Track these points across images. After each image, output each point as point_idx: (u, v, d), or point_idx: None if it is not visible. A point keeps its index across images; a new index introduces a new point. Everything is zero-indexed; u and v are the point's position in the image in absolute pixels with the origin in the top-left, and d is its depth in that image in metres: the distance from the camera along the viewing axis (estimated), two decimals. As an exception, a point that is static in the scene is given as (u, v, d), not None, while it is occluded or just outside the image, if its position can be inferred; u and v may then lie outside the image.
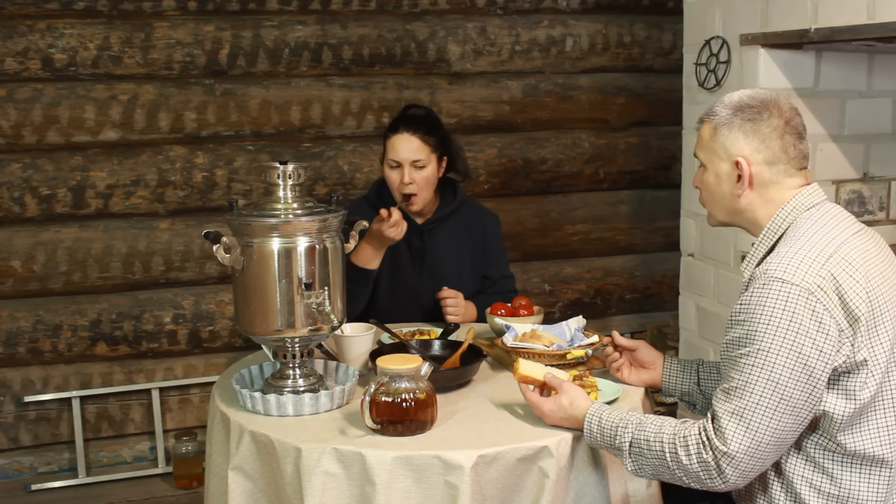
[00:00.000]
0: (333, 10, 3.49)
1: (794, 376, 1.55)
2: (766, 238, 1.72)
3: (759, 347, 1.56)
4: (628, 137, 3.90)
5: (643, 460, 1.66)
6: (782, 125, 1.69)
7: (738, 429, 1.57)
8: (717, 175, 1.75)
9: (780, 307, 1.55)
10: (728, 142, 1.72)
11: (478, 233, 2.73)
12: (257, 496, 1.82)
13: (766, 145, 1.69)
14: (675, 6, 3.73)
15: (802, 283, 1.55)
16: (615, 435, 1.68)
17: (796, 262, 1.58)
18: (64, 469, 3.48)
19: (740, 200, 1.73)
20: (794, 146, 1.70)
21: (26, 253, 3.34)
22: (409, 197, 2.55)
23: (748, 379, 1.57)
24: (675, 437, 1.62)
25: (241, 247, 1.86)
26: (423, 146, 2.55)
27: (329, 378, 2.04)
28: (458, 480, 1.63)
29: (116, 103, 3.35)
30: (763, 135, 1.69)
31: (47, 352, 3.40)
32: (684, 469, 1.61)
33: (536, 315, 2.38)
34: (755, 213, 1.73)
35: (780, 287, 1.56)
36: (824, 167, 2.91)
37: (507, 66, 3.71)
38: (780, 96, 1.74)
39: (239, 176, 3.49)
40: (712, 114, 1.75)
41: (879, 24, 2.30)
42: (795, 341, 1.54)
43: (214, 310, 3.54)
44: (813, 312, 1.54)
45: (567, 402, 1.75)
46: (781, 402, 1.55)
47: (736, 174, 1.72)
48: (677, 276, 3.34)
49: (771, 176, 1.70)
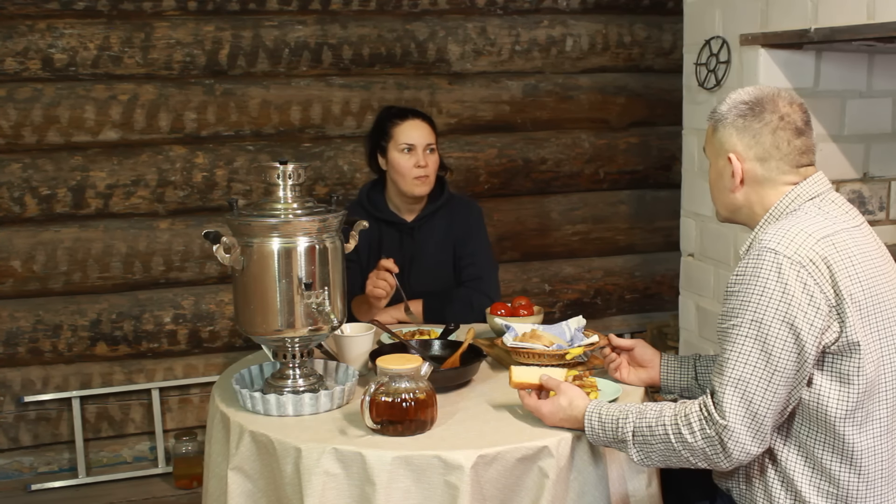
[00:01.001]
0: (333, 10, 3.49)
1: (787, 347, 1.56)
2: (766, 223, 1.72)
3: (752, 318, 1.57)
4: (628, 137, 3.90)
5: (648, 447, 1.65)
6: (776, 121, 1.70)
7: (734, 399, 1.57)
8: (717, 171, 1.78)
9: (774, 278, 1.56)
10: (724, 138, 1.74)
11: (460, 225, 2.74)
12: (257, 496, 1.82)
13: (757, 141, 1.70)
14: (675, 6, 3.73)
15: (794, 256, 1.57)
16: (617, 427, 1.68)
17: (791, 236, 1.59)
18: (64, 469, 3.48)
19: (736, 196, 1.75)
20: (789, 142, 1.70)
21: (26, 253, 3.34)
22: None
23: (741, 349, 1.58)
24: (677, 418, 1.62)
25: (241, 247, 1.86)
26: (431, 132, 2.68)
27: (329, 378, 2.04)
28: (458, 480, 1.63)
29: (116, 103, 3.35)
30: (754, 131, 1.70)
31: (47, 352, 3.40)
32: (690, 448, 1.61)
33: (536, 315, 2.38)
34: (752, 209, 1.74)
35: (773, 258, 1.57)
36: (824, 167, 2.88)
37: (507, 66, 3.71)
38: (783, 93, 1.74)
39: (239, 176, 3.49)
40: (715, 111, 1.78)
41: (879, 24, 2.30)
42: (788, 313, 1.55)
43: (214, 310, 3.54)
44: (804, 286, 1.56)
45: (566, 403, 1.75)
46: (776, 372, 1.56)
47: (730, 170, 1.73)
48: (677, 276, 3.34)
49: (764, 172, 1.71)
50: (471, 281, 2.70)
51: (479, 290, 2.67)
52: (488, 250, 2.79)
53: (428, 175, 2.64)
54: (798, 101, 1.74)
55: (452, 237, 2.72)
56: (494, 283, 2.75)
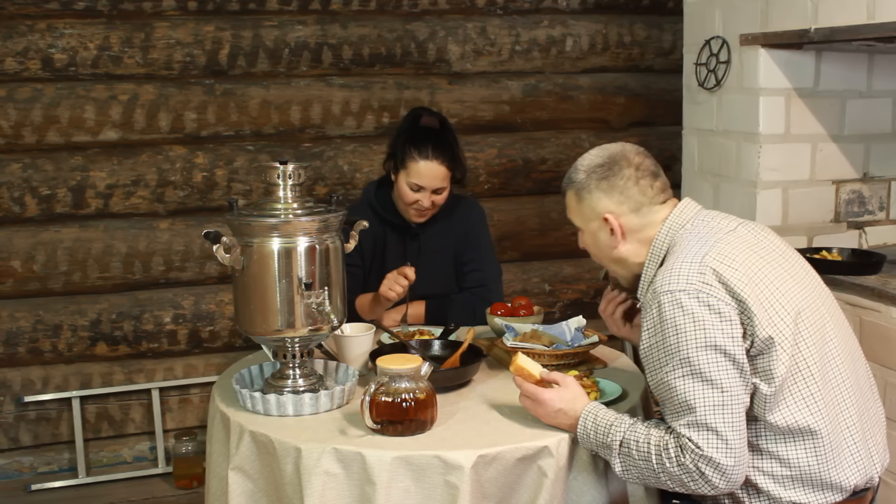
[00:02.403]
0: (333, 10, 3.49)
1: (723, 367, 1.60)
2: (651, 262, 1.79)
3: (681, 358, 1.62)
4: (628, 137, 3.89)
5: (630, 461, 1.68)
6: (633, 173, 1.79)
7: (701, 437, 1.60)
8: (593, 235, 1.85)
9: (680, 315, 1.62)
10: (592, 202, 1.81)
11: (463, 228, 2.72)
12: (257, 496, 1.82)
13: (626, 196, 1.79)
14: (675, 6, 3.73)
15: (687, 287, 1.62)
16: (608, 432, 1.70)
17: (676, 271, 1.65)
18: (64, 469, 3.48)
19: (620, 251, 1.81)
20: (651, 186, 1.80)
21: (26, 253, 3.34)
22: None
23: (685, 391, 1.61)
24: (661, 441, 1.65)
25: (241, 247, 1.86)
26: (447, 174, 2.56)
27: (329, 378, 2.04)
28: (458, 480, 1.63)
29: (116, 103, 3.35)
30: (620, 188, 1.79)
31: (47, 352, 3.40)
32: (668, 473, 1.64)
33: (536, 315, 2.38)
34: (638, 255, 1.81)
35: (671, 298, 1.63)
36: (824, 167, 2.91)
37: (507, 66, 3.71)
38: (625, 145, 1.84)
39: (239, 176, 3.49)
40: (571, 180, 1.85)
41: (879, 24, 2.31)
42: (707, 337, 1.60)
43: (214, 310, 3.54)
44: (709, 307, 1.61)
45: (570, 396, 1.76)
46: (723, 394, 1.60)
47: (608, 229, 1.80)
48: (677, 276, 3.34)
49: (639, 220, 1.80)
50: (475, 287, 2.69)
51: (483, 297, 2.65)
52: (492, 254, 2.77)
53: (430, 210, 2.60)
54: (640, 149, 1.83)
55: (456, 240, 2.71)
56: (498, 290, 2.74)
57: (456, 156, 2.59)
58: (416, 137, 2.55)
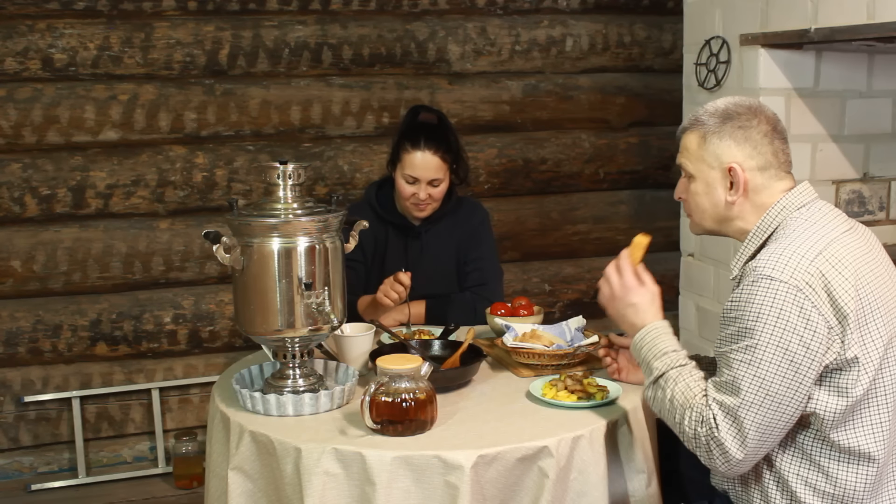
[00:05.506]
0: (333, 10, 3.49)
1: (780, 372, 1.56)
2: (755, 237, 1.73)
3: (748, 344, 1.58)
4: (628, 137, 3.90)
5: (660, 393, 1.69)
6: (770, 131, 1.72)
7: (725, 421, 1.59)
8: (707, 184, 1.75)
9: (769, 304, 1.56)
10: (719, 150, 1.72)
11: (465, 229, 2.72)
12: (257, 496, 1.82)
13: (759, 151, 1.71)
14: (675, 6, 3.73)
15: (790, 281, 1.56)
16: (658, 357, 1.72)
17: (784, 260, 1.59)
18: (64, 469, 3.48)
19: (733, 208, 1.74)
20: (783, 150, 1.73)
21: (26, 253, 3.34)
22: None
23: (736, 375, 1.59)
24: (692, 400, 1.65)
25: (241, 247, 1.86)
26: (441, 165, 2.55)
27: (329, 378, 2.04)
28: (458, 480, 1.63)
29: (116, 103, 3.35)
30: (755, 141, 1.71)
31: (47, 352, 3.40)
32: (682, 428, 1.65)
33: (536, 315, 2.38)
34: (745, 219, 1.74)
35: (769, 284, 1.57)
36: (824, 167, 2.91)
37: (507, 66, 3.71)
38: (762, 103, 1.77)
39: (239, 176, 3.49)
40: (699, 122, 1.75)
41: (879, 24, 2.30)
42: (783, 338, 1.55)
43: (214, 310, 3.54)
44: (801, 309, 1.55)
45: (648, 301, 1.78)
46: (767, 397, 1.57)
47: (728, 181, 1.73)
48: (677, 276, 3.34)
49: (763, 181, 1.72)
50: (476, 286, 2.68)
51: (483, 296, 2.64)
52: (494, 256, 2.77)
53: (429, 204, 2.59)
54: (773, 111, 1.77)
55: (458, 241, 2.70)
56: (499, 290, 2.74)
57: (451, 148, 2.58)
58: (410, 131, 2.57)
